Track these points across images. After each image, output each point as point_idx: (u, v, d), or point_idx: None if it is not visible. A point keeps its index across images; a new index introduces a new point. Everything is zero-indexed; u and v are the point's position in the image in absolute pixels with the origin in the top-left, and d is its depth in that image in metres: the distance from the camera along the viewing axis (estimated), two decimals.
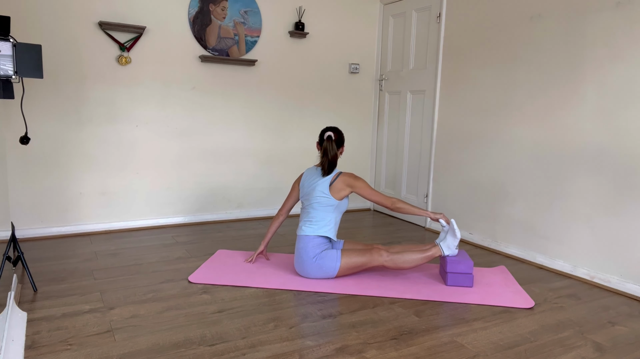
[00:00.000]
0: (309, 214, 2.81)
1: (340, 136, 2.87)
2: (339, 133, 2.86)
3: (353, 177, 2.82)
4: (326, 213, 2.79)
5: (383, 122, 4.69)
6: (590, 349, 2.07)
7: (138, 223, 3.84)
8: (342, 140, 2.88)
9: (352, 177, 2.82)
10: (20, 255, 2.53)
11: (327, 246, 2.79)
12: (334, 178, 2.81)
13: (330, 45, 4.46)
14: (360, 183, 2.80)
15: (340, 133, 2.87)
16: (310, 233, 2.76)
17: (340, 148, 2.88)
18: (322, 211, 2.79)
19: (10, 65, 2.23)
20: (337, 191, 2.79)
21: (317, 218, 2.79)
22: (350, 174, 2.84)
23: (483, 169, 3.65)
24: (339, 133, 2.86)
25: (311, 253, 2.73)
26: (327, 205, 2.78)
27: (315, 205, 2.79)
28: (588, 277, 2.95)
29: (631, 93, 2.73)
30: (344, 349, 1.99)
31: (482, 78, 3.63)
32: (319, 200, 2.78)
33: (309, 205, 2.82)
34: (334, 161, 2.81)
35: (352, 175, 2.83)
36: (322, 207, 2.79)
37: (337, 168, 2.86)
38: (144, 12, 3.66)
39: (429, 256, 2.74)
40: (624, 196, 2.77)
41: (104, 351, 1.92)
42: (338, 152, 2.84)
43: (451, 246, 2.75)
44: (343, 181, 2.80)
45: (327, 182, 2.79)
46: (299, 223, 2.86)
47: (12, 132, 3.35)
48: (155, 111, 3.79)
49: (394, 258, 2.74)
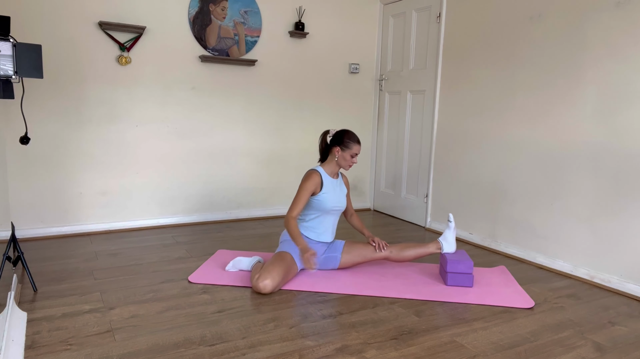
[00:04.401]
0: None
1: (337, 135, 2.83)
2: (338, 132, 2.84)
3: (303, 177, 2.81)
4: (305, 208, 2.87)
5: (383, 122, 4.69)
6: (590, 349, 2.07)
7: (138, 223, 3.84)
8: (338, 139, 2.81)
9: (304, 176, 2.81)
10: (20, 255, 2.53)
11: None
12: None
13: (330, 45, 4.46)
14: (301, 184, 2.79)
15: (338, 133, 2.83)
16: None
17: (335, 147, 2.81)
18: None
19: (10, 65, 2.23)
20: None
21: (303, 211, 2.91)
22: (306, 173, 2.81)
23: (483, 169, 3.65)
24: (338, 132, 2.84)
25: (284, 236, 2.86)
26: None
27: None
28: (588, 277, 2.95)
29: (631, 93, 2.73)
30: (344, 349, 1.99)
31: (482, 78, 3.63)
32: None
33: None
34: (319, 152, 2.91)
35: (306, 174, 2.80)
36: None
37: (318, 166, 2.85)
38: (144, 12, 3.66)
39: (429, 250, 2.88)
40: (624, 196, 2.77)
41: (104, 351, 1.92)
42: (332, 149, 2.82)
43: (448, 238, 2.85)
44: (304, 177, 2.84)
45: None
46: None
47: (12, 132, 3.35)
48: (155, 111, 3.79)
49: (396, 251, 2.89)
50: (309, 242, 2.84)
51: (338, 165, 2.84)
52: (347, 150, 2.78)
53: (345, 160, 2.79)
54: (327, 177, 2.83)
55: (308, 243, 2.82)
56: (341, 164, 2.82)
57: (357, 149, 2.79)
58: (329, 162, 2.85)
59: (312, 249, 2.63)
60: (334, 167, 2.85)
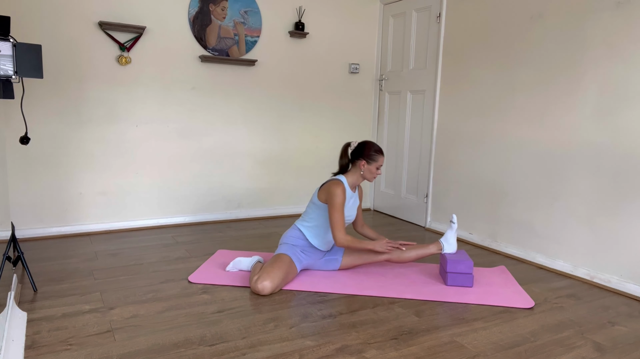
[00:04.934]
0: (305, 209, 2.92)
1: (359, 148, 2.80)
2: (360, 145, 2.81)
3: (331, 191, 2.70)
4: (312, 210, 2.83)
5: (383, 122, 4.69)
6: (590, 349, 2.07)
7: (138, 223, 3.84)
8: (362, 153, 2.78)
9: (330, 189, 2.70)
10: (20, 255, 2.53)
11: (299, 243, 2.79)
12: (327, 181, 2.81)
13: (330, 45, 4.46)
14: (330, 201, 2.70)
15: (361, 145, 2.80)
16: (297, 223, 2.87)
17: (360, 159, 2.77)
18: (309, 207, 2.85)
19: (10, 65, 2.23)
20: (321, 193, 2.79)
21: (305, 214, 2.87)
22: (331, 185, 2.71)
23: (483, 169, 3.65)
24: (360, 145, 2.81)
25: (284, 239, 2.84)
26: (312, 203, 2.83)
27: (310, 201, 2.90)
28: (588, 277, 2.95)
29: (631, 93, 2.73)
30: (344, 349, 1.99)
31: (482, 78, 3.63)
32: (313, 195, 2.88)
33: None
34: (340, 165, 2.86)
35: (332, 187, 2.70)
36: (309, 205, 2.86)
37: (341, 176, 2.83)
38: (144, 12, 3.66)
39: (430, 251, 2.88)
40: (624, 196, 2.77)
41: (104, 351, 1.92)
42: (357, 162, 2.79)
43: (449, 238, 2.84)
44: (324, 189, 2.77)
45: (323, 182, 2.82)
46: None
47: (12, 132, 3.35)
48: (155, 111, 3.79)
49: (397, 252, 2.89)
50: (305, 245, 2.81)
51: (363, 178, 2.81)
52: (373, 162, 2.77)
53: (371, 172, 2.79)
54: (348, 189, 2.80)
55: (305, 245, 2.80)
56: (367, 177, 2.80)
57: (382, 161, 2.79)
58: (352, 174, 2.81)
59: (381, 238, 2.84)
60: (357, 180, 2.81)
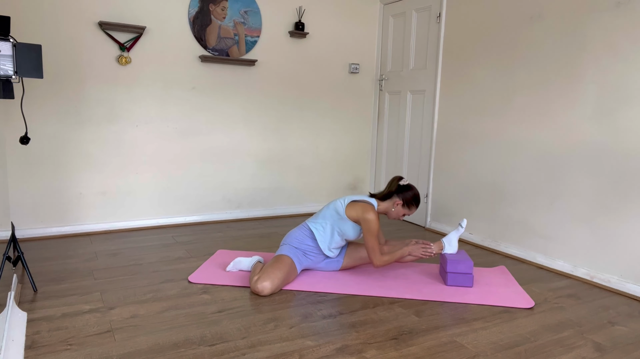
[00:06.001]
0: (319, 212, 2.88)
1: (406, 189, 2.80)
2: (408, 187, 2.81)
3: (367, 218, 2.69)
4: (331, 216, 2.78)
5: (383, 122, 4.69)
6: (590, 349, 2.07)
7: (138, 223, 3.84)
8: (405, 194, 2.78)
9: (366, 215, 2.69)
10: (20, 255, 2.53)
11: (303, 245, 2.78)
12: (360, 200, 2.78)
13: (330, 45, 4.46)
14: (367, 226, 2.69)
15: (408, 188, 2.80)
16: (308, 223, 2.83)
17: (399, 198, 2.78)
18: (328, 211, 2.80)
19: (10, 65, 2.23)
20: (351, 209, 2.74)
21: (320, 216, 2.81)
22: (367, 210, 2.69)
23: (483, 169, 3.65)
24: (408, 187, 2.81)
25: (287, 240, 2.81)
26: (334, 211, 2.78)
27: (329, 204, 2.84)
28: (588, 277, 2.95)
29: (631, 93, 2.73)
30: (344, 349, 1.99)
31: (482, 78, 3.63)
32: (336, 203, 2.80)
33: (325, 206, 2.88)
34: (382, 192, 2.85)
35: (369, 212, 2.69)
36: (329, 210, 2.80)
37: (373, 201, 2.80)
38: (143, 12, 3.66)
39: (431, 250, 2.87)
40: (624, 196, 2.77)
41: (104, 351, 1.92)
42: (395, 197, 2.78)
43: (451, 239, 2.82)
44: (359, 207, 2.73)
45: (354, 198, 2.79)
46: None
47: (12, 132, 3.35)
48: (155, 111, 3.79)
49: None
50: (312, 247, 2.80)
51: (387, 212, 2.83)
52: (407, 209, 2.81)
53: (398, 214, 2.82)
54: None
55: (309, 248, 2.80)
56: (391, 214, 2.82)
57: (413, 212, 2.85)
58: (385, 204, 2.82)
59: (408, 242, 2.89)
60: (384, 211, 2.83)
